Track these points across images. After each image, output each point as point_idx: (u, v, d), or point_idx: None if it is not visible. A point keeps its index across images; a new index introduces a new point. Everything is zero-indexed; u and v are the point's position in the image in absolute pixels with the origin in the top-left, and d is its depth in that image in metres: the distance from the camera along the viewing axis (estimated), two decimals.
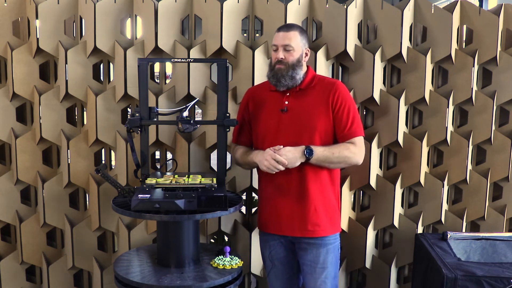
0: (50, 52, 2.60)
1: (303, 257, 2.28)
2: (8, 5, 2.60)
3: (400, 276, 2.93)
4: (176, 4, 2.60)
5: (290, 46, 2.17)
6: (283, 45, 2.17)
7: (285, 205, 2.23)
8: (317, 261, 2.24)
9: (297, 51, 2.19)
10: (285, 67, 2.18)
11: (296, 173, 2.18)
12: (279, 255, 2.33)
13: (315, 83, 2.24)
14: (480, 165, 2.83)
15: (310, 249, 2.25)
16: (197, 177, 2.31)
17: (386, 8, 2.62)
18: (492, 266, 2.27)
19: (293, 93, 2.23)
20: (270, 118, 2.24)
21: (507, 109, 2.76)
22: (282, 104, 2.23)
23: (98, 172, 2.27)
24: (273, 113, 2.24)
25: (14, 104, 2.67)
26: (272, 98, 2.26)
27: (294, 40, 2.18)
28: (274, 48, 2.21)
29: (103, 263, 2.80)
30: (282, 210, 2.24)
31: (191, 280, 2.08)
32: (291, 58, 2.18)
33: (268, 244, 2.35)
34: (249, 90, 2.41)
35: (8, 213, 2.74)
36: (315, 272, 2.24)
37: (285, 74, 2.18)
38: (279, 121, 2.22)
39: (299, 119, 2.20)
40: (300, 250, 2.28)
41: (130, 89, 2.59)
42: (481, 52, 2.67)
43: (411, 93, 2.68)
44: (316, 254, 2.24)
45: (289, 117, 2.21)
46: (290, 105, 2.22)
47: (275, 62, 2.20)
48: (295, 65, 2.19)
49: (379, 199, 2.77)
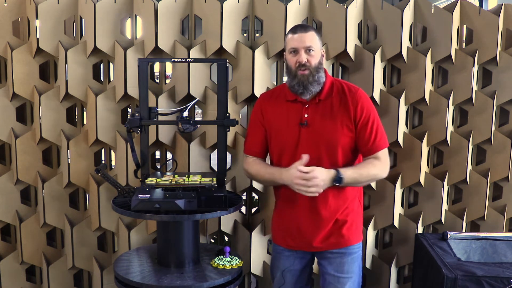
0: (50, 52, 2.60)
1: (326, 267, 2.17)
2: (8, 5, 2.60)
3: (400, 276, 2.93)
4: (176, 4, 2.60)
5: (312, 48, 2.01)
6: (305, 47, 2.01)
7: (308, 220, 2.11)
8: (341, 270, 2.13)
9: (318, 53, 2.04)
10: (309, 72, 2.01)
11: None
12: (294, 267, 2.21)
13: (335, 93, 2.08)
14: (480, 165, 2.83)
15: (334, 259, 2.14)
16: (197, 177, 2.31)
17: (386, 8, 2.62)
18: (492, 266, 2.27)
19: (313, 105, 2.07)
20: (288, 132, 2.09)
21: (507, 109, 2.76)
22: (301, 117, 2.07)
23: (98, 172, 2.27)
24: (292, 127, 2.08)
25: (14, 104, 2.67)
26: (290, 110, 2.10)
27: (314, 40, 2.02)
28: (292, 50, 2.03)
29: (103, 263, 2.80)
30: (303, 225, 2.12)
31: (191, 280, 2.08)
32: (313, 61, 2.02)
33: (284, 255, 2.22)
34: (262, 98, 2.23)
35: (8, 213, 2.74)
36: (339, 282, 2.13)
37: (312, 80, 2.02)
38: (299, 136, 2.07)
39: (320, 134, 2.05)
40: (323, 260, 2.18)
41: (130, 89, 2.59)
42: (481, 52, 2.67)
43: (411, 93, 2.68)
44: (341, 264, 2.13)
45: (309, 132, 2.06)
46: (310, 118, 2.06)
47: (296, 67, 2.02)
48: (318, 67, 2.04)
49: (379, 199, 2.77)
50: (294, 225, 2.15)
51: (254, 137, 2.21)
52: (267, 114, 2.16)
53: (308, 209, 2.10)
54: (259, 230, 2.74)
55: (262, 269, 2.79)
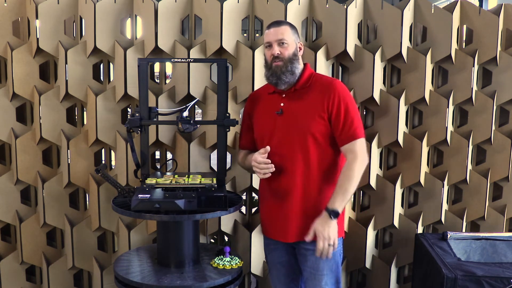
0: (50, 52, 2.60)
1: (302, 263, 2.22)
2: (8, 5, 2.60)
3: (400, 276, 2.93)
4: (176, 4, 2.60)
5: (284, 40, 2.10)
6: (277, 40, 2.11)
7: (281, 210, 2.17)
8: (316, 267, 2.16)
9: (291, 45, 2.12)
10: (283, 62, 2.10)
11: (293, 176, 2.12)
12: (281, 259, 2.29)
13: (312, 83, 2.15)
14: (480, 165, 2.83)
15: (309, 256, 2.16)
16: (197, 177, 2.31)
17: (386, 8, 2.62)
18: (492, 266, 2.27)
19: (289, 95, 2.16)
20: (266, 121, 2.19)
21: (507, 109, 2.76)
22: (277, 106, 2.17)
23: (98, 172, 2.27)
24: (269, 116, 2.18)
25: (14, 104, 2.67)
26: (269, 101, 2.21)
27: (286, 34, 2.11)
28: (267, 45, 2.14)
29: (103, 263, 2.80)
30: (278, 215, 2.18)
31: (191, 280, 2.08)
32: (287, 52, 2.11)
33: (270, 248, 2.32)
34: (252, 95, 2.37)
35: (8, 213, 2.74)
36: (315, 279, 2.17)
37: (285, 70, 2.10)
38: (274, 124, 2.16)
39: (293, 121, 2.13)
40: (300, 256, 2.22)
41: (130, 89, 2.59)
42: (481, 52, 2.67)
43: (411, 93, 2.68)
44: (315, 261, 2.14)
45: (284, 120, 2.14)
46: (285, 107, 2.15)
47: (271, 60, 2.12)
48: (292, 59, 2.12)
49: (379, 199, 2.77)
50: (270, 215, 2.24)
51: (244, 132, 2.33)
52: (253, 107, 2.28)
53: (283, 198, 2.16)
54: (259, 230, 2.73)
55: (262, 269, 2.79)
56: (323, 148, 2.12)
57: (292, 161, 2.12)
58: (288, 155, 2.13)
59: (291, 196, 2.14)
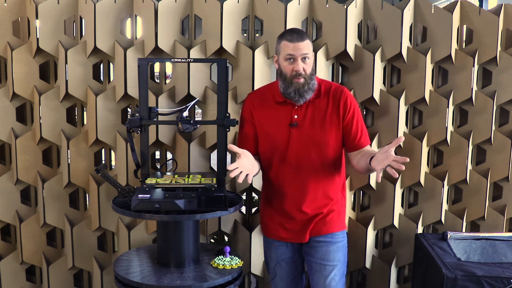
0: (50, 52, 2.60)
1: (312, 255, 2.23)
2: (8, 5, 2.60)
3: (400, 276, 2.93)
4: (176, 4, 2.60)
5: (308, 56, 2.06)
6: (302, 54, 2.04)
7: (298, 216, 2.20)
8: (327, 258, 2.20)
9: (311, 60, 2.10)
10: (304, 80, 2.06)
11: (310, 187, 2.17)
12: (285, 256, 2.29)
13: (323, 93, 2.15)
14: (480, 165, 2.83)
15: (320, 247, 2.21)
16: (197, 177, 2.31)
17: (386, 8, 2.62)
18: (492, 266, 2.27)
19: (302, 106, 2.14)
20: (279, 133, 2.16)
21: (507, 109, 2.76)
22: (291, 118, 2.14)
23: (98, 172, 2.27)
24: (283, 129, 2.15)
25: (14, 104, 2.67)
26: (280, 111, 2.16)
27: (310, 48, 2.07)
28: (289, 57, 2.06)
29: (103, 263, 2.80)
30: (295, 222, 2.22)
31: (191, 280, 2.08)
32: (309, 69, 2.08)
33: (274, 245, 2.31)
34: (251, 98, 2.27)
35: (8, 213, 2.74)
36: (325, 270, 2.20)
37: (307, 88, 2.07)
38: (289, 137, 2.14)
39: (309, 134, 2.13)
40: (310, 249, 2.24)
41: (130, 89, 2.59)
42: (481, 52, 2.67)
43: (411, 93, 2.68)
44: (326, 252, 2.20)
45: (299, 132, 2.13)
46: (299, 119, 2.13)
47: (292, 75, 2.06)
48: (312, 75, 2.10)
49: (379, 199, 2.77)
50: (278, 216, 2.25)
51: (245, 136, 2.26)
52: (257, 115, 2.22)
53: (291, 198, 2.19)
54: (259, 230, 2.73)
55: (262, 269, 2.79)
56: (338, 155, 2.20)
57: (309, 172, 2.17)
58: (305, 167, 2.16)
59: (307, 203, 2.18)
